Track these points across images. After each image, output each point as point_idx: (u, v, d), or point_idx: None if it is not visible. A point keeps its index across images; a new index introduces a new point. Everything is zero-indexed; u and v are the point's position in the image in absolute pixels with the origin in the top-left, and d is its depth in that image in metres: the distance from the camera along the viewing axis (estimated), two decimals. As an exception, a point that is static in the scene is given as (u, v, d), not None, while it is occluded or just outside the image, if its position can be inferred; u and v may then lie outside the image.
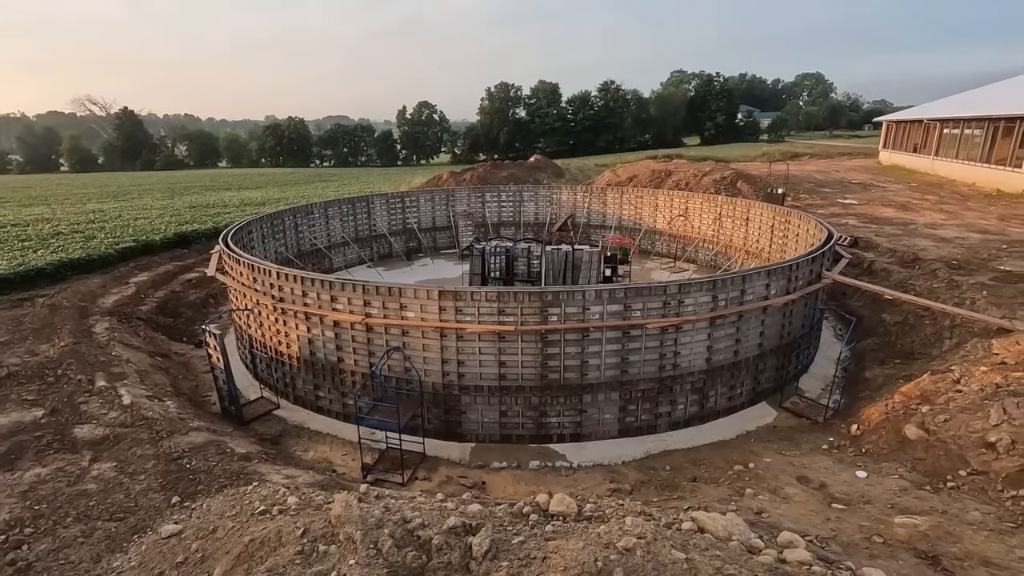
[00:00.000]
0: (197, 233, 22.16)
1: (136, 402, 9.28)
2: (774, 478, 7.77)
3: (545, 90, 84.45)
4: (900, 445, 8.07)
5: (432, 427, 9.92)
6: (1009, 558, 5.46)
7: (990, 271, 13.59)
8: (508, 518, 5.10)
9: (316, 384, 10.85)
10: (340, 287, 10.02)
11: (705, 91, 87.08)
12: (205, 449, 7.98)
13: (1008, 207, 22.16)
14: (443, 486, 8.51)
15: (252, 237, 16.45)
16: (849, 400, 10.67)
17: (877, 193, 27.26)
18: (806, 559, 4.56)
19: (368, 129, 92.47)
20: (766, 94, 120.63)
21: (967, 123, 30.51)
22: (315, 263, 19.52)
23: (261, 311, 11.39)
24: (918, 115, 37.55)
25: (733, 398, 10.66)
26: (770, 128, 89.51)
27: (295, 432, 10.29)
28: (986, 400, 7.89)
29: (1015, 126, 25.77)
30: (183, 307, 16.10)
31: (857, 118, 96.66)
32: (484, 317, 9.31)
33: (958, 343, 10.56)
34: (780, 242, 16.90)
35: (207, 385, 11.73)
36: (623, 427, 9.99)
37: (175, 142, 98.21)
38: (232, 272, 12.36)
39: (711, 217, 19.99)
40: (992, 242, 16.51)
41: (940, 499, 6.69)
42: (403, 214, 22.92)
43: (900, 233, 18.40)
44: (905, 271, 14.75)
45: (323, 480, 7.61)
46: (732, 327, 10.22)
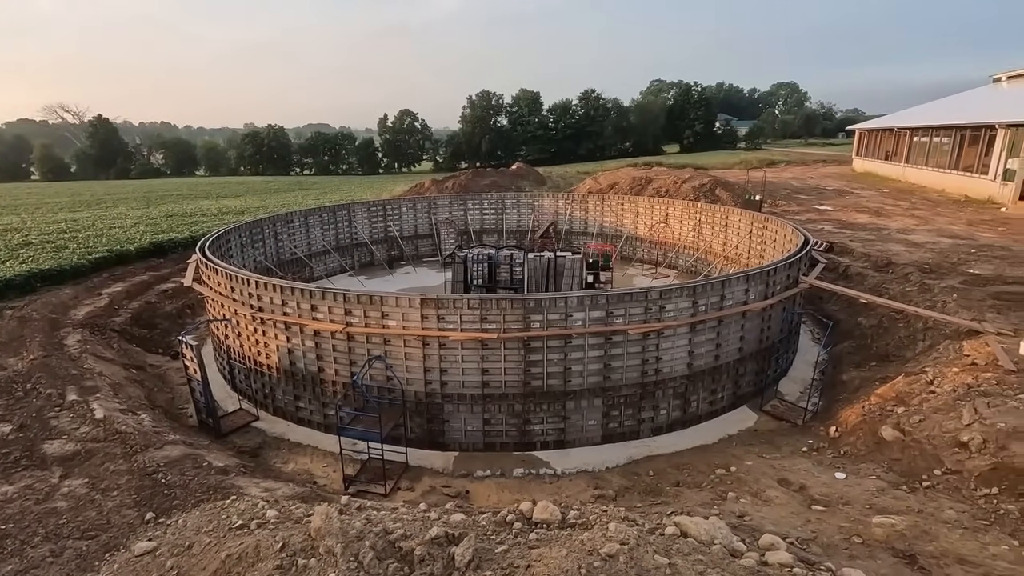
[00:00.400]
0: (174, 242, 21.75)
1: (109, 416, 9.04)
2: (755, 481, 7.84)
3: (526, 98, 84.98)
4: (877, 446, 8.22)
5: (415, 436, 9.82)
6: (983, 555, 5.58)
7: (960, 275, 13.97)
8: (492, 527, 5.06)
9: (296, 395, 10.69)
10: (320, 296, 9.91)
11: (684, 100, 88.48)
12: (181, 463, 7.79)
13: (975, 212, 22.84)
14: (426, 496, 8.43)
15: (230, 246, 16.20)
16: (827, 402, 10.84)
17: (851, 199, 27.89)
18: (787, 561, 4.60)
19: (349, 137, 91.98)
20: (743, 103, 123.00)
21: (935, 131, 31.45)
22: (295, 272, 19.29)
23: (239, 321, 11.21)
24: (889, 124, 38.60)
25: (715, 402, 10.76)
26: (747, 136, 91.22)
27: (275, 444, 10.11)
28: (958, 400, 8.08)
29: (980, 134, 26.63)
30: (159, 318, 15.77)
31: (831, 126, 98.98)
32: (466, 325, 9.27)
33: (931, 345, 10.81)
34: (758, 248, 17.16)
35: (183, 397, 11.48)
36: (606, 433, 10.01)
37: (151, 150, 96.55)
38: (209, 282, 12.15)
39: (691, 224, 20.24)
40: (961, 246, 16.98)
41: (916, 499, 6.81)
42: (385, 222, 22.80)
43: (874, 238, 18.83)
44: (879, 275, 15.09)
45: (303, 492, 7.48)
46: (712, 332, 10.33)
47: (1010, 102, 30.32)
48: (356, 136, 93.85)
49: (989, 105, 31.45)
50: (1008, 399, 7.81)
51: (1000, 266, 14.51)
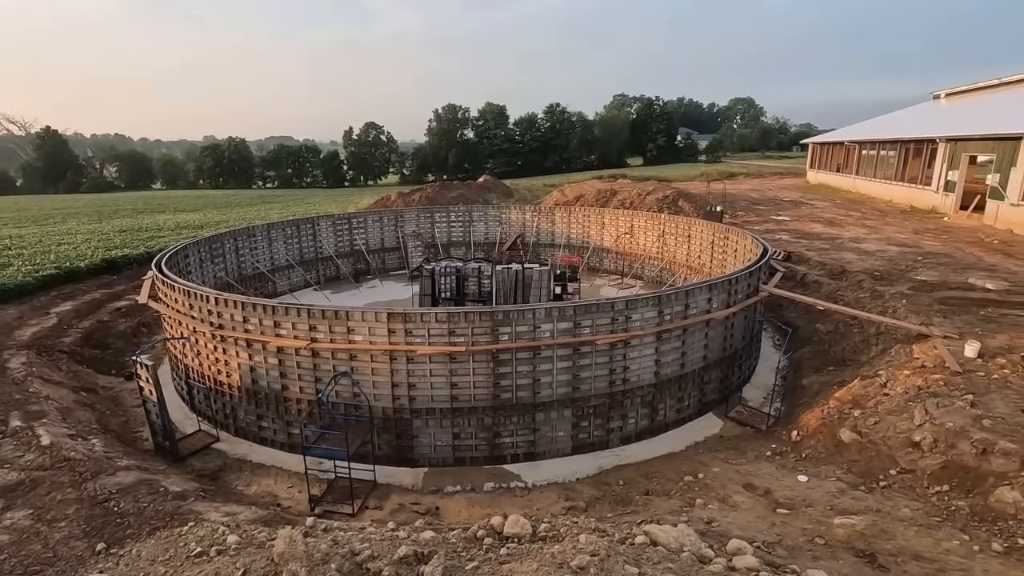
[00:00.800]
0: (128, 259, 20.94)
1: (56, 442, 8.58)
2: (722, 487, 7.97)
3: (492, 112, 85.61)
4: (836, 448, 8.48)
5: (383, 453, 9.64)
6: (937, 551, 5.79)
7: (908, 281, 14.63)
8: (462, 543, 4.99)
9: (259, 414, 10.37)
10: (284, 312, 9.68)
11: (646, 114, 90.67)
12: (135, 489, 7.43)
13: (921, 221, 24.03)
14: (395, 514, 8.26)
15: (189, 262, 15.71)
16: (789, 407, 11.14)
17: (807, 210, 28.97)
18: (754, 565, 4.68)
19: (313, 150, 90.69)
20: (703, 117, 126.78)
21: (882, 145, 33.06)
22: (258, 288, 18.81)
23: (198, 339, 10.84)
24: (840, 137, 40.38)
25: (681, 410, 10.93)
26: (707, 149, 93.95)
27: (236, 466, 9.76)
28: (910, 402, 8.43)
29: (923, 148, 28.12)
30: (112, 337, 15.11)
31: (786, 140, 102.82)
32: (434, 338, 9.20)
33: (883, 349, 11.26)
34: (720, 258, 17.62)
35: (139, 420, 10.99)
36: (576, 444, 10.04)
37: (104, 163, 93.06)
38: (166, 299, 11.73)
39: (655, 235, 20.65)
40: (909, 254, 17.81)
41: (874, 498, 7.04)
42: (350, 235, 22.50)
43: (828, 247, 19.58)
44: (834, 283, 15.67)
45: (266, 516, 7.23)
46: (678, 341, 10.52)
47: (949, 118, 32.18)
48: (321, 149, 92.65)
49: (930, 121, 33.31)
50: (955, 399, 8.18)
51: (944, 272, 15.26)
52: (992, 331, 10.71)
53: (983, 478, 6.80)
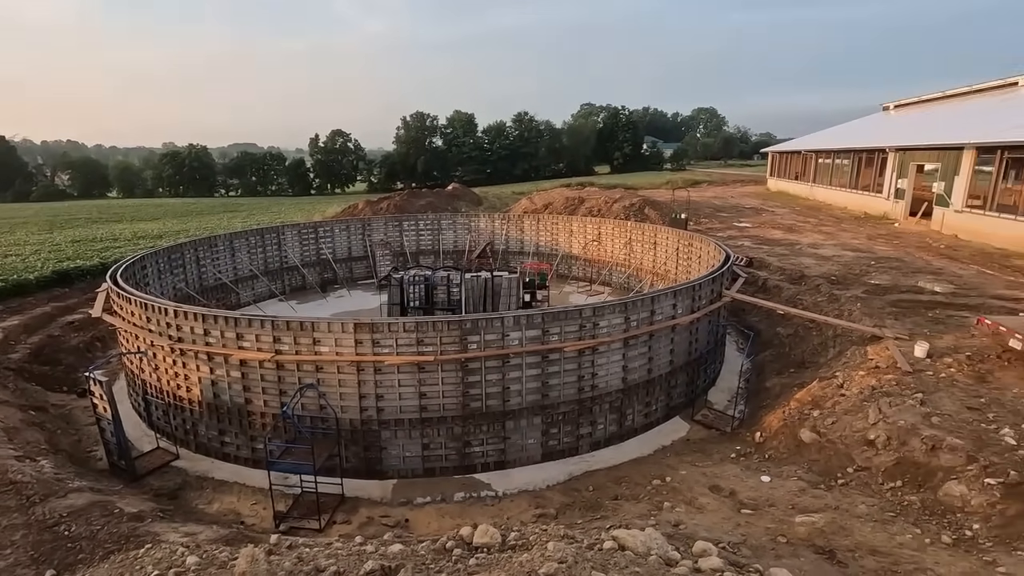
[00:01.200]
0: (81, 270, 20.11)
1: (2, 464, 8.14)
2: (689, 489, 8.11)
3: (461, 120, 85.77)
4: (797, 448, 8.74)
5: (351, 466, 9.48)
6: (891, 545, 6.02)
7: (863, 285, 15.23)
8: (431, 555, 4.95)
9: (221, 429, 10.07)
10: (247, 323, 9.46)
11: (613, 123, 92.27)
12: (88, 512, 7.11)
13: (874, 227, 25.07)
14: (363, 528, 8.13)
15: (146, 273, 15.20)
16: (752, 409, 11.43)
17: (767, 216, 29.89)
18: (718, 566, 4.78)
19: (279, 157, 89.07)
20: (667, 126, 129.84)
21: (837, 154, 34.44)
22: (220, 299, 18.31)
23: (156, 353, 10.48)
24: (797, 147, 41.88)
25: (649, 415, 11.09)
26: (672, 157, 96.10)
27: (197, 484, 9.45)
28: (865, 402, 8.76)
29: (875, 157, 29.40)
30: (63, 353, 14.46)
31: (747, 149, 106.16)
32: (402, 348, 9.12)
33: (840, 351, 11.67)
34: (685, 264, 18.01)
35: (92, 439, 10.53)
36: (546, 451, 10.07)
37: (55, 170, 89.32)
38: (122, 312, 11.31)
39: (622, 242, 20.98)
40: (863, 259, 18.55)
41: (833, 496, 7.28)
42: (317, 244, 22.14)
43: (788, 253, 20.23)
44: (794, 287, 16.19)
45: (228, 534, 7.02)
46: (644, 346, 10.69)
47: (898, 129, 33.74)
48: (286, 156, 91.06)
49: (880, 131, 34.87)
50: (906, 398, 8.54)
51: (896, 276, 15.95)
52: (940, 332, 11.23)
53: (933, 473, 7.11)
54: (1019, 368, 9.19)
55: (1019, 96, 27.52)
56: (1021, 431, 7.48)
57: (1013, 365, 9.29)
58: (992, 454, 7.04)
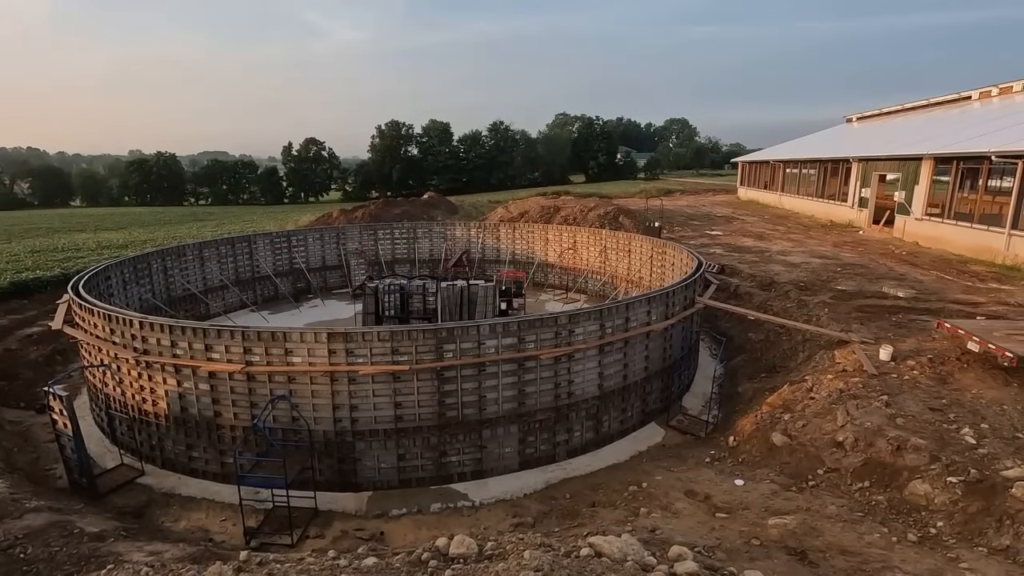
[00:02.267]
0: (40, 281, 19.33)
1: (-47, 485, 7.76)
2: (665, 495, 8.17)
3: (436, 129, 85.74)
4: (769, 452, 8.88)
5: (324, 479, 9.29)
6: (860, 544, 6.15)
7: (829, 291, 15.64)
8: (406, 568, 4.87)
9: (189, 444, 9.78)
10: (216, 334, 9.23)
11: (587, 132, 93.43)
12: (45, 533, 6.82)
13: (839, 235, 25.82)
14: (337, 542, 7.96)
15: (110, 283, 14.73)
16: (726, 414, 11.60)
17: (738, 225, 30.53)
18: (694, 570, 4.81)
19: (250, 165, 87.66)
20: (641, 136, 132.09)
21: (804, 164, 35.44)
22: (188, 310, 17.85)
23: (120, 366, 10.14)
24: (765, 157, 42.98)
25: (625, 421, 11.16)
26: (646, 167, 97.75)
27: (163, 501, 9.14)
28: (833, 404, 8.97)
29: (839, 167, 30.35)
30: (21, 367, 13.89)
31: (718, 158, 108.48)
32: (377, 358, 9.01)
33: (809, 355, 11.95)
34: (659, 271, 18.26)
35: (52, 456, 10.11)
36: (523, 459, 10.04)
37: (14, 178, 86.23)
38: (84, 324, 10.92)
39: (597, 250, 21.17)
40: (830, 265, 19.07)
41: (804, 498, 7.42)
42: (290, 254, 21.79)
43: (758, 260, 20.67)
44: (764, 293, 16.54)
45: (196, 552, 6.79)
46: (620, 353, 10.77)
47: (860, 139, 34.94)
48: (258, 164, 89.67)
49: (845, 142, 36.07)
50: (872, 400, 8.78)
51: (861, 282, 16.43)
52: (903, 336, 11.59)
53: (898, 473, 7.31)
54: (977, 370, 9.54)
55: (973, 109, 28.78)
56: (980, 430, 7.75)
57: (971, 367, 9.63)
58: (953, 453, 7.27)
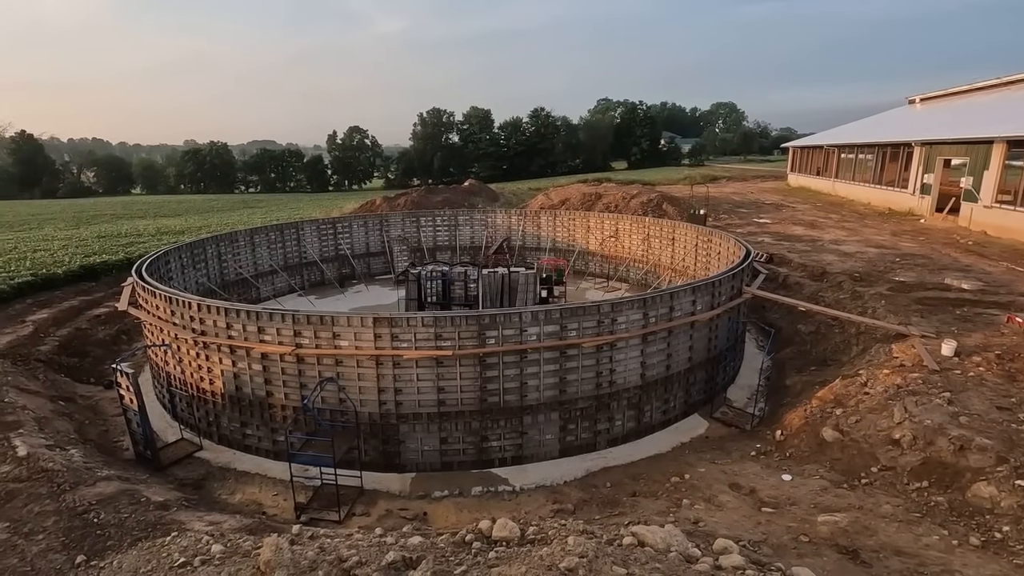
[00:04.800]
0: (107, 265, 20.55)
1: (33, 453, 8.38)
2: (708, 487, 8.04)
3: (477, 116, 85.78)
4: (819, 447, 8.61)
5: (369, 459, 9.57)
6: (917, 546, 5.91)
7: (887, 282, 14.92)
8: (450, 548, 4.98)
9: (243, 421, 10.24)
10: (268, 317, 9.59)
11: (630, 118, 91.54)
12: (116, 500, 7.29)
13: (898, 224, 24.54)
14: (382, 520, 8.20)
15: (170, 268, 15.48)
16: (773, 407, 11.28)
17: (788, 213, 29.43)
18: (740, 564, 4.74)
19: (297, 154, 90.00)
20: (685, 121, 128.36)
21: (860, 149, 33.74)
22: (241, 293, 18.59)
23: (180, 346, 10.68)
24: (819, 141, 41.11)
25: (667, 412, 11.01)
26: (690, 153, 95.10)
27: (220, 474, 9.62)
28: (890, 400, 8.59)
29: (900, 151, 28.74)
30: (90, 346, 14.81)
31: (767, 144, 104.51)
32: (421, 343, 9.17)
33: (864, 349, 11.47)
34: (704, 260, 17.82)
35: (119, 429, 10.78)
36: (563, 447, 10.06)
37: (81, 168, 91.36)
38: (147, 306, 11.54)
39: (640, 238, 20.82)
40: (887, 255, 18.17)
41: (856, 496, 7.17)
42: (335, 240, 22.34)
43: (809, 249, 19.90)
44: (815, 284, 15.93)
45: (251, 524, 7.14)
46: (663, 343, 10.61)
47: (924, 122, 32.94)
48: (304, 153, 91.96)
49: (906, 125, 34.07)
50: (933, 397, 8.36)
51: (922, 273, 15.60)
52: (968, 330, 10.97)
53: (960, 474, 6.96)
54: (1051, 368, 8.94)
55: (1052, 88, 26.65)
56: (1054, 432, 7.28)
57: (1045, 364, 9.03)
58: (1023, 454, 6.86)
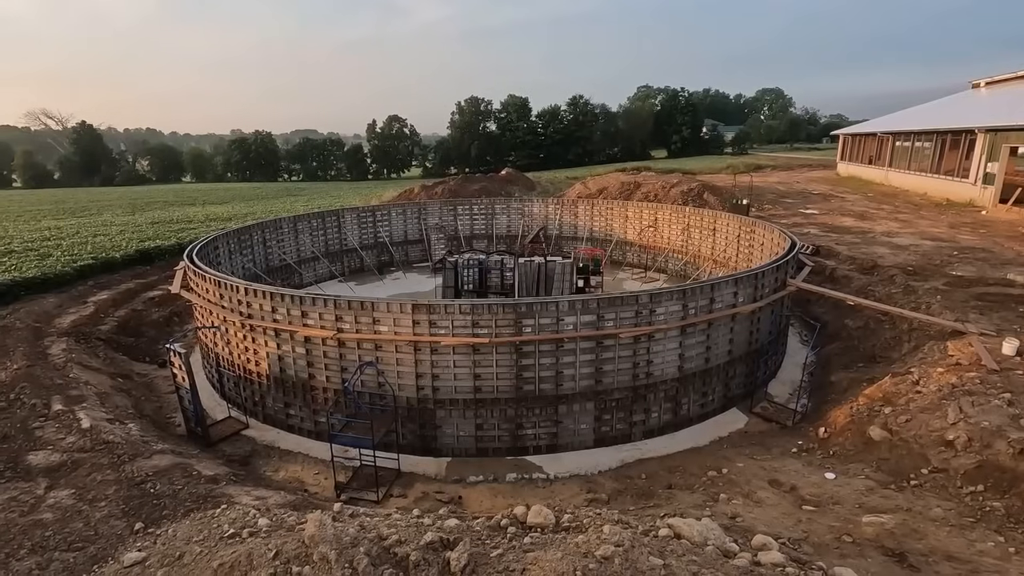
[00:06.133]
0: (160, 250, 21.51)
1: (96, 425, 8.91)
2: (747, 482, 7.89)
3: (515, 104, 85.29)
4: (865, 446, 8.32)
5: (407, 443, 9.78)
6: (970, 552, 5.66)
7: (943, 276, 14.21)
8: (486, 532, 5.05)
9: (286, 402, 10.61)
10: (311, 302, 9.86)
11: (671, 105, 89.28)
12: (170, 472, 7.70)
13: (957, 215, 23.26)
14: (419, 502, 8.39)
15: (218, 253, 16.08)
16: (816, 404, 10.95)
17: (836, 203, 28.28)
18: (779, 561, 4.64)
19: (337, 143, 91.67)
20: (729, 108, 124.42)
21: (917, 136, 32.03)
22: (284, 278, 19.17)
23: (228, 328, 11.11)
24: (872, 128, 39.24)
25: (705, 405, 10.83)
26: (734, 141, 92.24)
27: (265, 452, 10.02)
28: (944, 400, 8.21)
29: (961, 139, 27.16)
30: (145, 326, 15.58)
31: (815, 131, 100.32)
32: (458, 330, 9.27)
33: (916, 346, 10.98)
34: (746, 251, 17.34)
35: (171, 406, 11.34)
36: (598, 437, 10.04)
37: (136, 157, 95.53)
38: (198, 289, 12.04)
39: (679, 228, 20.41)
40: (944, 249, 17.28)
41: (904, 497, 6.90)
42: (374, 228, 22.74)
43: (859, 241, 19.10)
44: (865, 278, 15.30)
45: (295, 500, 7.42)
46: (702, 335, 10.41)
47: (989, 107, 30.99)
48: (345, 142, 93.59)
49: (969, 110, 32.12)
50: (991, 398, 7.95)
51: (982, 268, 14.78)
52: (1032, 329, 10.35)
53: (1020, 479, 6.61)
54: None
55: None
56: None
57: (1119, 367, 8.46)
58: (1091, 462, 6.47)
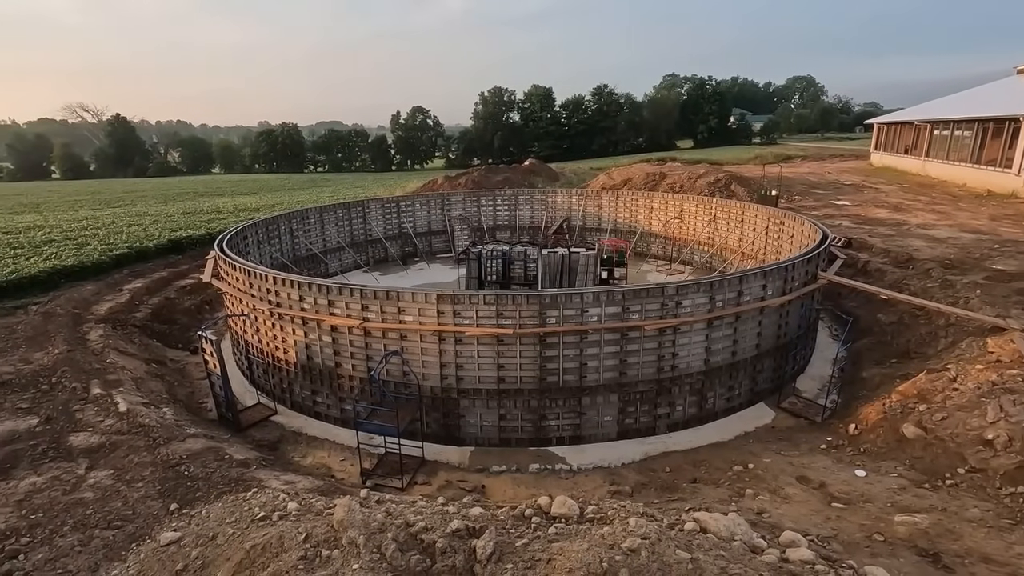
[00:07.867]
0: (191, 239, 22.05)
1: (132, 409, 9.21)
2: (774, 478, 7.78)
3: (538, 94, 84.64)
4: (898, 444, 8.11)
5: (431, 431, 9.88)
6: (1008, 554, 5.49)
7: (983, 270, 13.70)
8: (510, 521, 5.08)
9: (313, 389, 10.80)
10: (337, 292, 10.00)
11: (697, 95, 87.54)
12: (203, 456, 7.92)
13: (999, 207, 22.37)
14: (443, 490, 8.48)
15: (247, 243, 16.39)
16: (846, 400, 10.71)
17: (869, 194, 27.46)
18: (809, 558, 4.57)
19: (362, 134, 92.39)
20: (758, 97, 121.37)
21: (957, 125, 30.81)
22: (311, 268, 19.47)
23: (257, 316, 11.34)
24: (908, 117, 37.88)
25: (731, 399, 10.69)
26: (762, 131, 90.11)
27: (293, 438, 10.23)
28: (983, 398, 7.94)
29: (1004, 127, 26.04)
30: (178, 314, 16.00)
31: (848, 120, 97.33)
32: (482, 320, 9.30)
33: (953, 342, 10.63)
34: (775, 244, 16.98)
35: (203, 392, 11.66)
36: (622, 429, 9.99)
37: (168, 149, 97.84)
38: (228, 278, 12.31)
39: (706, 219, 20.08)
40: (984, 242, 16.65)
41: (939, 497, 6.72)
42: (398, 218, 22.92)
43: (893, 234, 18.53)
44: (899, 271, 14.84)
45: (322, 486, 7.57)
46: (729, 328, 10.25)
47: (1035, 94, 29.60)
48: (369, 133, 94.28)
49: (1013, 97, 30.72)
50: (1034, 397, 7.65)
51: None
52: (1078, 325, 9.91)
53: (1064, 481, 6.37)
54: None
55: None
56: None
57: None
58: None
